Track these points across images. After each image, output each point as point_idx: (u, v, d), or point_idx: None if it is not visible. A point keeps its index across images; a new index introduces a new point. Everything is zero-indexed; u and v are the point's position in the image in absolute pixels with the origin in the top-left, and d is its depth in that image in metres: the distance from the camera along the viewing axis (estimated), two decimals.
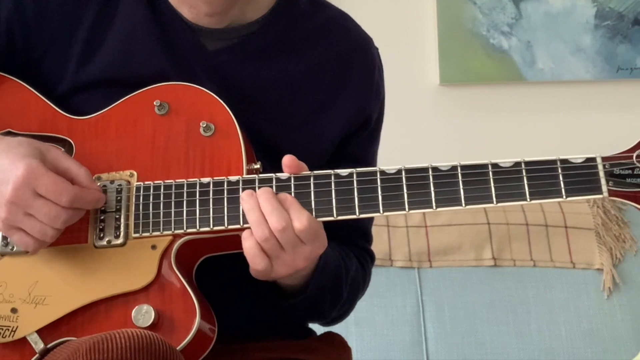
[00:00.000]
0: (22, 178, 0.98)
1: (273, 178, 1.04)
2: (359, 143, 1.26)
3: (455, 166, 1.01)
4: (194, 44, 1.17)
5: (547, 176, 0.99)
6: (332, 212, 1.03)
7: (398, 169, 1.03)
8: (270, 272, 1.04)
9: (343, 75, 1.22)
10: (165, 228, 1.05)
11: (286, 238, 1.00)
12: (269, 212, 1.00)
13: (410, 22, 2.42)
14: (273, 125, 1.18)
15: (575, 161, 1.00)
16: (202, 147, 1.08)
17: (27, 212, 0.99)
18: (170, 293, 1.03)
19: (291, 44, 1.21)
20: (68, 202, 1.00)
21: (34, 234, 1.01)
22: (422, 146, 2.39)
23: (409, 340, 2.09)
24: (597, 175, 0.99)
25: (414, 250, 2.17)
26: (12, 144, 1.03)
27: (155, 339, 0.89)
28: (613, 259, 2.18)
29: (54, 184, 0.99)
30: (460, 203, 1.00)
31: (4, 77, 1.16)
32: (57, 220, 1.00)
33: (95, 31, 1.16)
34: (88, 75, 1.15)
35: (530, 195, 0.99)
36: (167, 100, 1.11)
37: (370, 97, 1.25)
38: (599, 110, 2.45)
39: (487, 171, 1.00)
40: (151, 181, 1.07)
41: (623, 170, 0.99)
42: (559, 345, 2.09)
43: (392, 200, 1.02)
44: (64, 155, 1.05)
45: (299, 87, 1.19)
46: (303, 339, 1.26)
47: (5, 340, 1.03)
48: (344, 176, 1.04)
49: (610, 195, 0.98)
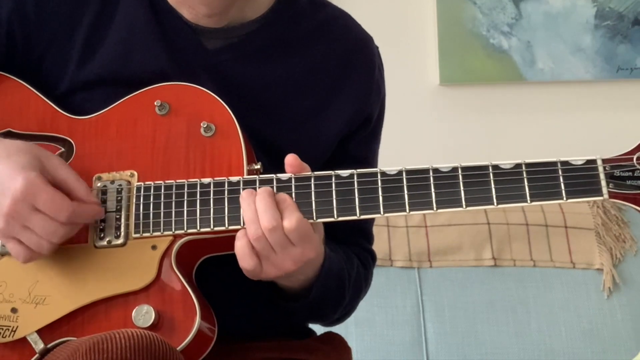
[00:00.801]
0: (21, 193, 0.97)
1: (274, 179, 1.04)
2: (359, 142, 1.26)
3: (455, 167, 1.02)
4: (194, 43, 1.17)
5: (547, 178, 0.99)
6: (333, 212, 1.03)
7: (399, 170, 1.03)
8: (260, 273, 1.03)
9: (343, 74, 1.22)
10: (166, 228, 1.05)
11: (275, 238, 1.00)
12: (262, 211, 1.00)
13: (410, 22, 2.42)
14: (273, 124, 1.18)
15: (575, 163, 1.00)
16: (203, 147, 1.08)
17: (24, 225, 0.99)
18: (171, 293, 1.03)
19: (291, 42, 1.20)
20: (66, 218, 0.99)
21: (31, 245, 1.00)
22: (422, 146, 2.39)
23: (409, 340, 2.09)
24: (597, 177, 0.99)
25: (414, 250, 2.17)
26: (11, 150, 1.02)
27: (155, 339, 0.89)
28: (613, 259, 2.18)
29: (52, 200, 0.98)
30: (460, 204, 1.00)
31: (3, 76, 1.16)
32: (54, 236, 1.00)
33: (95, 30, 1.16)
34: (88, 74, 1.15)
35: (531, 197, 0.99)
36: (167, 101, 1.11)
37: (371, 95, 1.25)
38: (599, 110, 2.45)
39: (488, 172, 1.01)
40: (152, 181, 1.07)
41: (623, 173, 0.99)
42: (559, 345, 2.09)
43: (392, 201, 1.02)
44: (63, 164, 1.04)
45: (299, 86, 1.19)
46: (303, 339, 1.26)
47: (5, 340, 1.03)
48: (344, 177, 1.04)
49: (610, 197, 0.98)
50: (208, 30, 1.17)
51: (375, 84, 1.26)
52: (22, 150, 1.02)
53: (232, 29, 1.18)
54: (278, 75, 1.19)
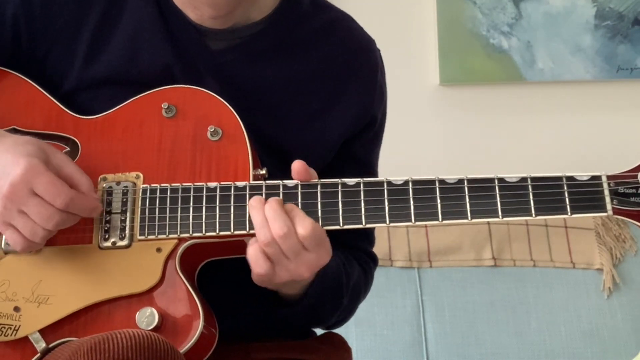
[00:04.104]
0: (21, 175, 0.97)
1: (280, 185, 1.04)
2: (363, 144, 1.26)
3: (462, 179, 1.02)
4: (198, 43, 1.17)
5: (552, 193, 1.01)
6: (339, 220, 1.03)
7: (405, 180, 1.03)
8: (273, 278, 1.03)
9: (346, 75, 1.22)
10: (171, 231, 1.04)
11: (288, 244, 1.00)
12: (272, 218, 1.00)
13: (410, 22, 2.42)
14: (277, 125, 1.18)
15: (580, 179, 1.01)
16: (209, 151, 1.08)
17: (21, 209, 0.99)
18: (174, 296, 1.03)
19: (294, 44, 1.21)
20: (63, 204, 0.99)
21: (25, 232, 1.00)
22: (422, 146, 2.39)
23: (409, 340, 2.09)
24: (602, 194, 1.00)
25: (414, 250, 2.17)
26: (18, 141, 1.03)
27: (156, 339, 0.89)
28: (613, 259, 2.19)
29: (51, 184, 0.99)
30: (466, 216, 1.01)
31: (9, 73, 1.15)
32: (49, 222, 0.99)
33: (101, 30, 1.16)
34: (94, 73, 1.15)
35: (536, 211, 1.00)
36: (174, 103, 1.10)
37: (374, 97, 1.25)
38: (599, 110, 2.45)
39: (494, 185, 1.01)
40: (157, 184, 1.06)
41: (627, 189, 1.00)
42: (559, 345, 2.10)
43: (398, 211, 1.02)
44: (69, 161, 1.04)
45: (302, 88, 1.19)
46: (303, 340, 1.26)
47: (7, 339, 1.03)
48: (351, 185, 1.04)
49: (614, 213, 1.00)
50: (213, 31, 1.17)
51: (379, 87, 1.27)
52: (30, 142, 1.03)
53: (237, 31, 1.18)
54: (282, 77, 1.19)
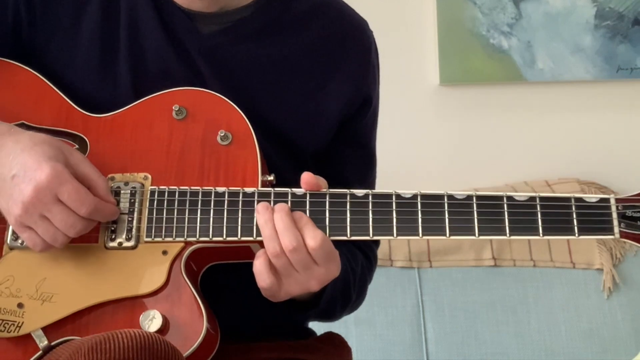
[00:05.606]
0: (46, 181, 0.97)
1: (289, 193, 1.04)
2: (361, 126, 1.26)
3: (470, 196, 1.02)
4: (189, 27, 1.17)
5: (560, 213, 1.01)
6: (346, 231, 1.03)
7: (414, 194, 1.03)
8: (278, 291, 1.03)
9: (338, 54, 1.22)
10: (178, 235, 1.04)
11: (298, 258, 1.00)
12: (281, 231, 1.00)
13: (410, 22, 2.41)
14: (271, 105, 1.18)
15: (589, 200, 1.01)
16: (218, 155, 1.08)
17: (43, 214, 0.99)
18: (179, 300, 1.03)
19: (285, 25, 1.21)
20: (87, 213, 0.99)
21: (46, 237, 1.00)
22: (423, 146, 2.39)
23: (409, 340, 2.09)
24: (610, 217, 1.00)
25: (414, 250, 2.17)
26: (36, 140, 1.02)
27: (157, 340, 0.89)
28: (613, 259, 2.19)
29: (77, 192, 0.99)
30: (473, 233, 1.01)
31: (20, 67, 1.15)
32: (72, 229, 1.00)
33: (104, 29, 1.16)
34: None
35: (543, 231, 1.00)
36: (185, 106, 1.10)
37: (368, 77, 1.25)
38: (599, 110, 2.45)
39: (502, 203, 1.02)
40: (165, 185, 1.06)
41: (635, 213, 1.01)
42: (559, 345, 2.10)
43: (406, 224, 1.02)
44: (85, 160, 1.04)
45: (294, 67, 1.19)
46: (304, 339, 1.26)
47: (10, 335, 1.03)
48: (359, 197, 1.04)
49: (621, 236, 1.00)
50: (202, 14, 1.17)
51: (372, 67, 1.26)
52: (47, 142, 1.02)
53: (226, 14, 1.18)
54: (273, 57, 1.19)
